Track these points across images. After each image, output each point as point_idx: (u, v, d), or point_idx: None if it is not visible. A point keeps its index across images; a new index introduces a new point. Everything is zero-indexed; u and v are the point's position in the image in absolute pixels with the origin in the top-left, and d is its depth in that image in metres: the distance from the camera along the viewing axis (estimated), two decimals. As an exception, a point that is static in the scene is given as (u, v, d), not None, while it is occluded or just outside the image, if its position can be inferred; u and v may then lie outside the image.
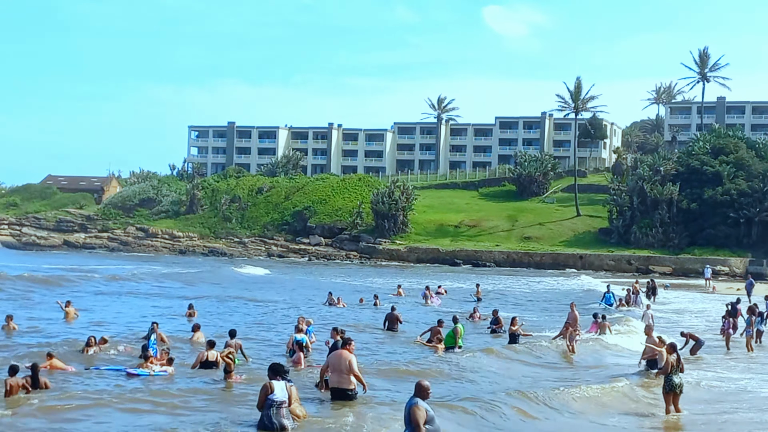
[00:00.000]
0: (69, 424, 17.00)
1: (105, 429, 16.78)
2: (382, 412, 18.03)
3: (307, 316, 34.76)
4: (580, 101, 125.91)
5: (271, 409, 16.09)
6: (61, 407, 17.98)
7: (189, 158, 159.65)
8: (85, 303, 43.03)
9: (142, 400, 19.39)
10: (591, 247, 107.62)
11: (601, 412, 21.26)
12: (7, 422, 16.63)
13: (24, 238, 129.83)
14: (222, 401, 19.68)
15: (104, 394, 19.74)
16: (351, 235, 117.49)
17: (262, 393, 16.27)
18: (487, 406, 19.69)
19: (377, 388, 20.91)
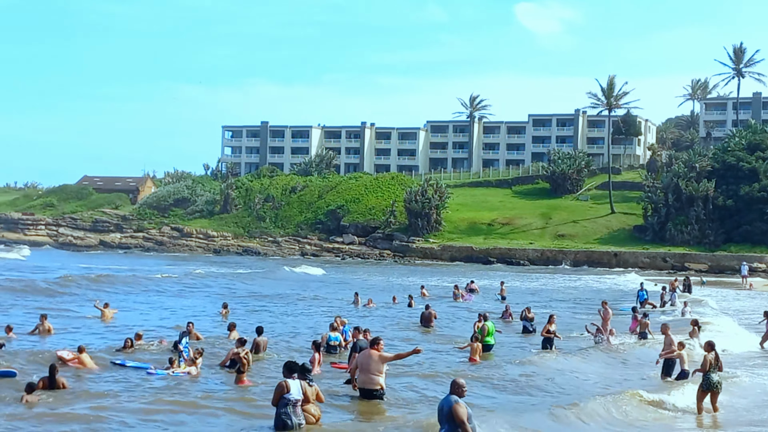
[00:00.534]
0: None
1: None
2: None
3: (345, 315, 35.00)
4: (614, 98, 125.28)
5: (287, 407, 16.16)
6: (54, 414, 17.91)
7: (223, 158, 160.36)
8: (172, 302, 44.63)
9: (154, 401, 19.56)
10: (625, 244, 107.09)
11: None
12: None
13: (61, 238, 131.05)
14: (233, 404, 19.79)
15: (114, 396, 19.80)
16: (384, 234, 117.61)
17: (277, 391, 16.28)
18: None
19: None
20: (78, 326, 34.05)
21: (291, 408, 16.17)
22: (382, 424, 17.71)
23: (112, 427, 16.92)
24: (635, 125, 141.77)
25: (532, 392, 22.62)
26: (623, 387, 22.96)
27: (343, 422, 17.92)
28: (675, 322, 39.53)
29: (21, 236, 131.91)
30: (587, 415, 18.90)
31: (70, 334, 31.50)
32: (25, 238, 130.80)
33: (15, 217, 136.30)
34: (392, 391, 20.57)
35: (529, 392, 22.58)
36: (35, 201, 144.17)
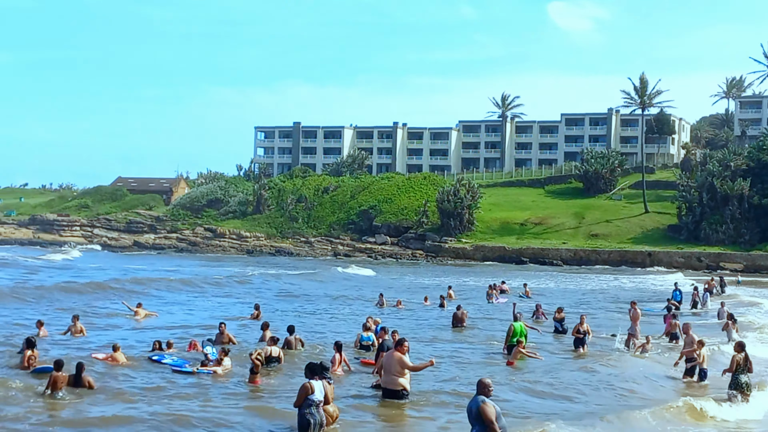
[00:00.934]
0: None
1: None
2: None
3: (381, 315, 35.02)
4: (647, 96, 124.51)
5: (311, 408, 16.31)
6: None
7: (255, 159, 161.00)
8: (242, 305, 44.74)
9: (176, 396, 19.76)
10: (660, 244, 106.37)
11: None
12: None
13: (95, 239, 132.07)
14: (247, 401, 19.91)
15: (132, 395, 20.04)
16: (417, 234, 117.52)
17: (302, 392, 16.41)
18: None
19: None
20: (124, 325, 34.46)
21: (315, 408, 16.32)
22: (399, 425, 17.74)
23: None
24: (669, 124, 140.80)
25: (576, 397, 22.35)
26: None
27: (361, 422, 17.94)
28: (706, 326, 39.36)
29: (56, 237, 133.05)
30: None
31: (110, 332, 31.86)
32: (60, 239, 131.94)
33: (50, 219, 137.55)
34: (422, 393, 20.59)
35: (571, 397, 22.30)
36: (70, 202, 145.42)
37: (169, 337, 27.73)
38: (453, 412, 18.84)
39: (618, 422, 18.34)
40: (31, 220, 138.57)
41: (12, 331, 30.39)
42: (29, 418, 17.15)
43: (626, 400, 21.90)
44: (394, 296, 50.61)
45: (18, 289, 46.34)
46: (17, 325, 32.30)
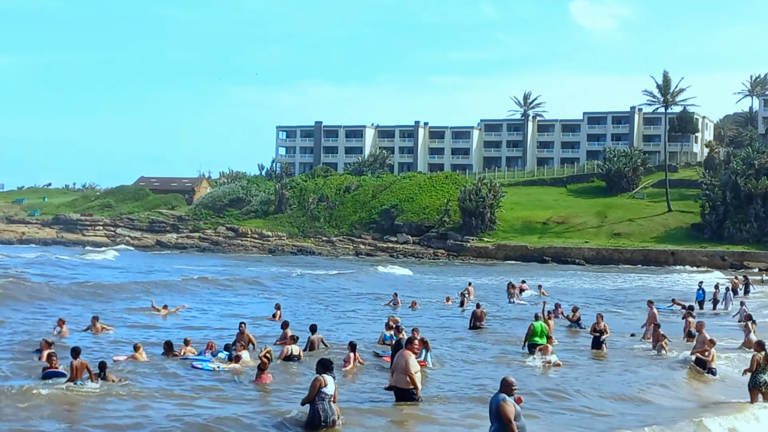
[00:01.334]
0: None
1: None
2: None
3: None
4: (670, 94, 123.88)
5: (323, 402, 16.39)
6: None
7: (277, 158, 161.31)
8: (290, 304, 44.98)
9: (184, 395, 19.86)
10: (683, 243, 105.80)
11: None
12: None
13: (118, 238, 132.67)
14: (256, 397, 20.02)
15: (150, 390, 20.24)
16: (438, 233, 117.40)
17: (314, 386, 16.48)
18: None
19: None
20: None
21: (327, 403, 16.39)
22: (404, 425, 17.77)
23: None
24: (692, 122, 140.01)
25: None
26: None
27: (366, 419, 17.97)
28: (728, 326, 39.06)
29: (80, 237, 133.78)
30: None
31: (136, 331, 32.05)
32: (83, 239, 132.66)
33: (74, 218, 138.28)
34: (438, 390, 20.55)
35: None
36: (93, 202, 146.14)
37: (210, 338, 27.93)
38: (467, 412, 18.76)
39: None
40: (54, 219, 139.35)
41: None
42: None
43: (686, 402, 21.78)
44: (426, 295, 50.71)
45: (103, 287, 48.51)
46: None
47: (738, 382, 22.84)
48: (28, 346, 26.36)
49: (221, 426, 16.59)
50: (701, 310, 45.79)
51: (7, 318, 34.42)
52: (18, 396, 18.48)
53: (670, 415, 19.27)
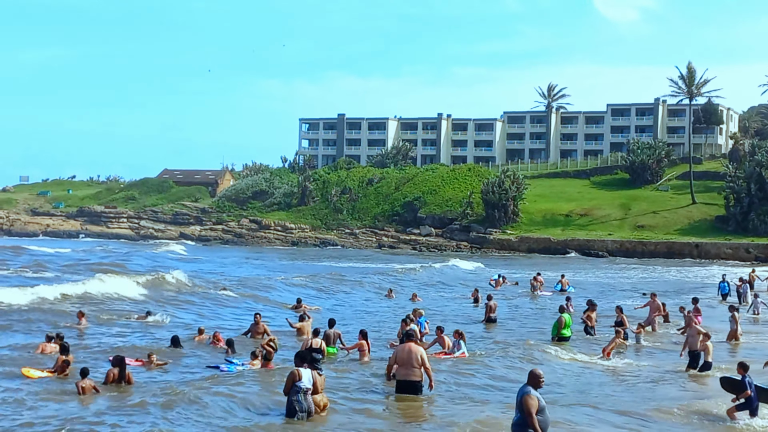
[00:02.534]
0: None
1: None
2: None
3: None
4: (695, 86, 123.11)
5: (298, 395, 16.60)
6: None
7: (300, 150, 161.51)
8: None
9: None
10: (707, 235, 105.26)
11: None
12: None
13: (142, 231, 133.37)
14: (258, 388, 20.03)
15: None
16: (461, 225, 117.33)
17: (289, 379, 16.66)
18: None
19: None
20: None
21: (302, 395, 16.61)
22: (399, 418, 17.86)
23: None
24: (717, 114, 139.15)
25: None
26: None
27: (355, 411, 18.01)
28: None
29: (104, 229, 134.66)
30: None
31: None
32: (107, 231, 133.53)
33: (98, 210, 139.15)
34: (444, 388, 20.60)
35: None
36: (117, 194, 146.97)
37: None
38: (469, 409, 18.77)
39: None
40: (78, 212, 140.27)
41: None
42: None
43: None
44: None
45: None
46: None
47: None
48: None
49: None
50: (725, 303, 45.51)
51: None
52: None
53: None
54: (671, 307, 38.16)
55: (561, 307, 30.85)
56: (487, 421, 17.10)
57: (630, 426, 17.83)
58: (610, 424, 17.80)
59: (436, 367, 21.03)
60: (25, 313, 32.09)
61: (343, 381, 20.78)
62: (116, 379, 19.90)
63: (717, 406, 19.29)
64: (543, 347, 27.48)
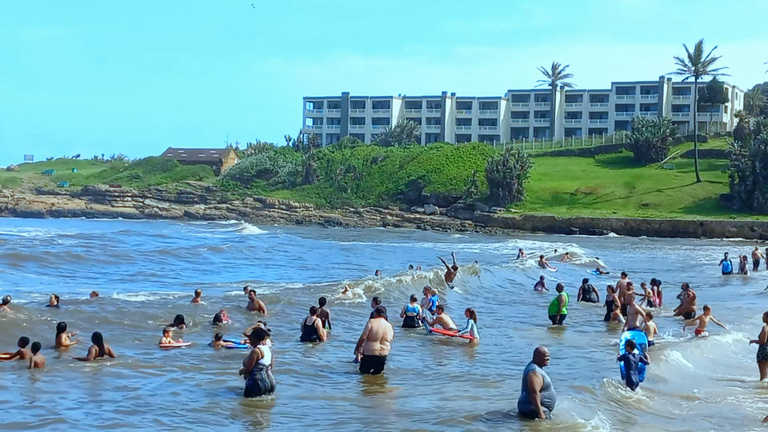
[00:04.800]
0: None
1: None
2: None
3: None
4: (701, 64, 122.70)
5: (262, 372, 16.76)
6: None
7: (304, 129, 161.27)
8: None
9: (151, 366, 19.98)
10: (712, 213, 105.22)
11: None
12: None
13: (146, 209, 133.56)
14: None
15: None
16: (466, 204, 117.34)
17: (252, 358, 16.72)
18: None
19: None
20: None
21: (264, 373, 16.78)
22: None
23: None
24: (722, 92, 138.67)
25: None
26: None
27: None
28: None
29: (108, 208, 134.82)
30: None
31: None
32: (112, 210, 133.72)
33: (102, 189, 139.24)
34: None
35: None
36: (121, 173, 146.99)
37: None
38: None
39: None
40: (83, 190, 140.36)
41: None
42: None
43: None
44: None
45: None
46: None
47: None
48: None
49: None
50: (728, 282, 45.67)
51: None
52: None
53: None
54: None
55: (559, 286, 30.89)
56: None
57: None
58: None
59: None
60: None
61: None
62: (98, 354, 20.13)
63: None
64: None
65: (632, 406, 17.45)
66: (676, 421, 16.76)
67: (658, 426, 16.27)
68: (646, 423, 16.44)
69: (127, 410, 15.67)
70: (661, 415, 17.18)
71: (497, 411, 15.42)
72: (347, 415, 15.91)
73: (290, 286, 36.34)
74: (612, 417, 15.94)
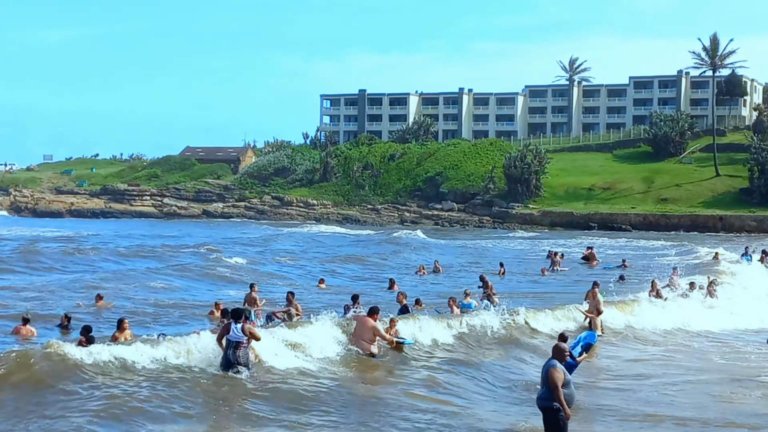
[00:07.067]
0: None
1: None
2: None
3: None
4: (718, 57, 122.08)
5: (228, 350, 17.34)
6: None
7: (321, 127, 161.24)
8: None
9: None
10: (731, 207, 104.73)
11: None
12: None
13: (165, 208, 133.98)
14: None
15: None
16: (483, 200, 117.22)
17: (222, 331, 17.61)
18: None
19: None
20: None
21: (232, 350, 17.38)
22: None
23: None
24: (740, 85, 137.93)
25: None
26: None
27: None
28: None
29: (127, 207, 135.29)
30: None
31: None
32: (131, 209, 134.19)
33: (121, 189, 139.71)
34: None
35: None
36: (140, 172, 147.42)
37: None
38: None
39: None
40: (102, 190, 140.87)
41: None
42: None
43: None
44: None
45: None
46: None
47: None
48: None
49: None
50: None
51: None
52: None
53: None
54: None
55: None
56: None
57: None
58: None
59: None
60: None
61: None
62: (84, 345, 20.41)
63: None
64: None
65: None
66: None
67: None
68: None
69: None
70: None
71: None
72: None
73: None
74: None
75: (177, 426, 14.57)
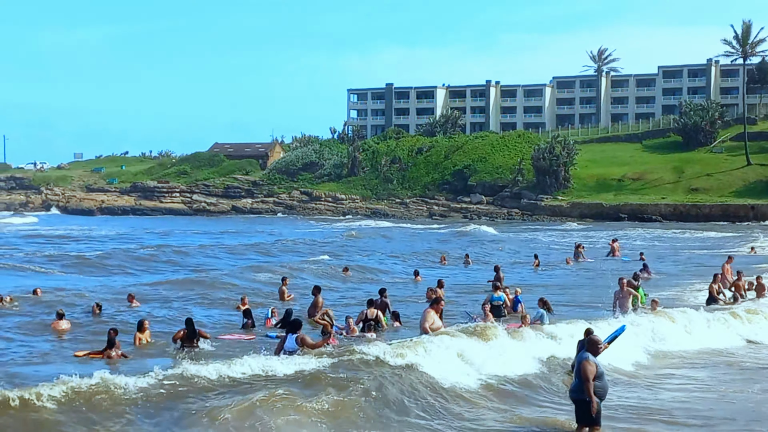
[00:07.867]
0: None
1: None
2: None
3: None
4: (749, 45, 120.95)
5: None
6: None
7: (349, 121, 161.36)
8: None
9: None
10: (763, 196, 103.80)
11: None
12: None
13: (195, 204, 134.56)
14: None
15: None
16: (512, 193, 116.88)
17: (279, 345, 18.45)
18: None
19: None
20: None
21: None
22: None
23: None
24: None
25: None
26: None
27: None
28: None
29: (157, 204, 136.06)
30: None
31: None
32: (161, 206, 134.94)
33: (151, 186, 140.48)
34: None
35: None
36: (169, 169, 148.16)
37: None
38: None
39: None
40: (132, 187, 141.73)
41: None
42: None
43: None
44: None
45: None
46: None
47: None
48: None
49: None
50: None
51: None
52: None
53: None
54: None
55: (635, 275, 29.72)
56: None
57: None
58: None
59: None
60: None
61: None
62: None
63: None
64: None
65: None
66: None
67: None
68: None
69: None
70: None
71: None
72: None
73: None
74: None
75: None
